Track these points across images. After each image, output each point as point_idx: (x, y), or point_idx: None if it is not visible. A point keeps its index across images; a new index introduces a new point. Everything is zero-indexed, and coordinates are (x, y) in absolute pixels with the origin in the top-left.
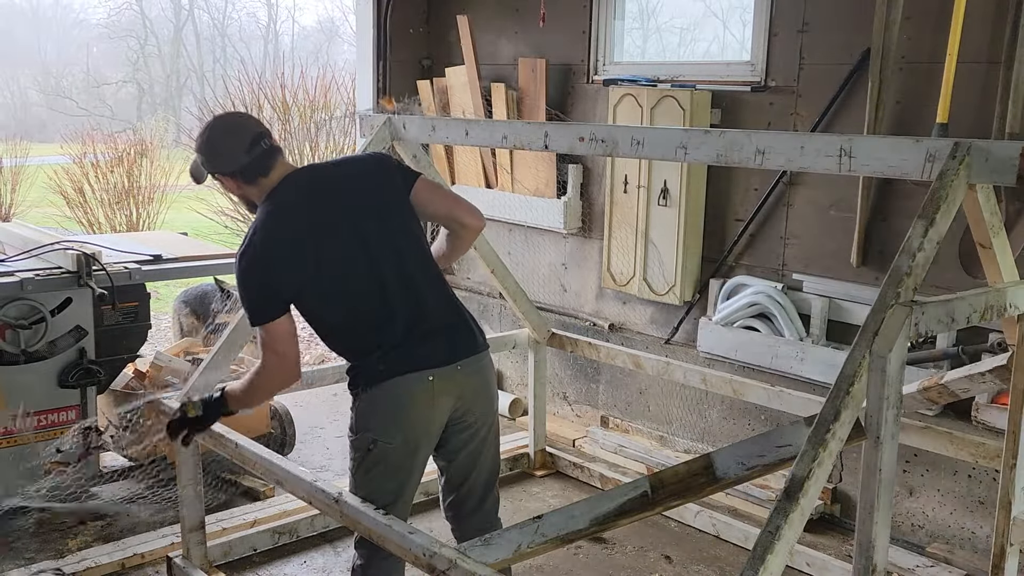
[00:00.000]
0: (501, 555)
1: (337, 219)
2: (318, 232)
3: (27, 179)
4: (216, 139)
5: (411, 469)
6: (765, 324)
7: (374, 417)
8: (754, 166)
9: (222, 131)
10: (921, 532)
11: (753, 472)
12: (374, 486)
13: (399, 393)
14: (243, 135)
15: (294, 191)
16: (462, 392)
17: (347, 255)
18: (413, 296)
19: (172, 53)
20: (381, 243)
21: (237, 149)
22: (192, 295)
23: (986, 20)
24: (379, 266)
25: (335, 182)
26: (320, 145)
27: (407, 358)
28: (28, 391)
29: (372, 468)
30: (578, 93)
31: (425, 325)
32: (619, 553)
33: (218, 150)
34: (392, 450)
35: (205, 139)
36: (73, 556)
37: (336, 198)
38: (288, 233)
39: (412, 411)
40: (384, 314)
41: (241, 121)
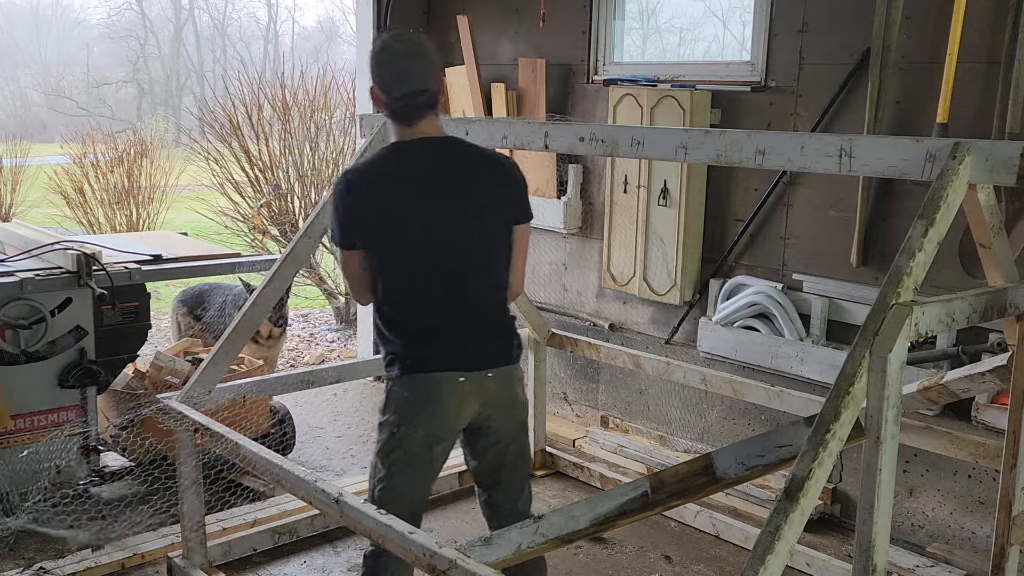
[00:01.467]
0: (501, 555)
1: (432, 204)
2: (410, 207)
3: (27, 179)
4: (390, 60)
5: (429, 461)
6: (765, 324)
7: (404, 404)
8: (754, 166)
9: (394, 56)
10: (921, 532)
11: (753, 472)
12: (393, 470)
13: (430, 387)
14: (405, 79)
15: (416, 160)
16: (488, 399)
17: (422, 239)
18: (465, 299)
19: (172, 53)
20: (458, 241)
21: (395, 86)
22: (190, 295)
23: (986, 20)
24: (445, 260)
25: (464, 175)
26: (320, 145)
27: (444, 355)
28: (28, 391)
29: (392, 452)
30: (578, 93)
31: (468, 328)
32: (619, 553)
33: (381, 74)
34: (414, 440)
35: (378, 53)
36: (73, 556)
37: (445, 186)
38: (386, 189)
39: (439, 407)
40: (433, 306)
41: (413, 64)
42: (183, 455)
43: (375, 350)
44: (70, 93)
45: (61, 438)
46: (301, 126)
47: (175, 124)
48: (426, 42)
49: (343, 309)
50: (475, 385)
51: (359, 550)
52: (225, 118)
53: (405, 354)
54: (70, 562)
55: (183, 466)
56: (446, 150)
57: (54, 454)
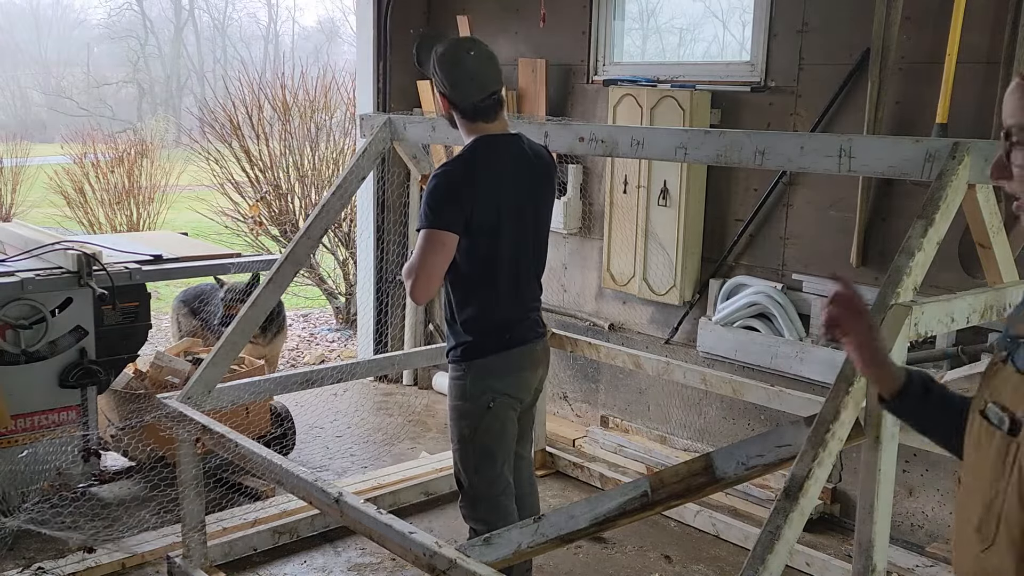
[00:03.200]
0: (501, 555)
1: (518, 198)
2: (504, 197)
3: (28, 179)
4: (472, 66)
5: (513, 431)
6: (765, 324)
7: (493, 378)
8: (754, 166)
9: (474, 62)
10: (921, 532)
11: (753, 472)
12: (495, 446)
13: (517, 357)
14: (486, 83)
15: (507, 154)
16: (545, 363)
17: (514, 226)
18: (527, 284)
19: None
20: (530, 233)
21: (479, 90)
22: (190, 295)
23: (986, 20)
24: (521, 251)
25: (533, 168)
26: (320, 145)
27: (524, 330)
28: (29, 391)
29: (489, 427)
30: (578, 93)
31: (531, 310)
32: (619, 553)
33: (459, 80)
34: (508, 405)
35: (450, 60)
36: (73, 556)
37: (526, 180)
38: (491, 179)
39: (524, 374)
40: (516, 287)
41: (490, 69)
42: (183, 456)
43: (376, 350)
44: (70, 93)
45: (62, 439)
46: (301, 126)
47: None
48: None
49: (343, 309)
50: (541, 353)
51: (359, 550)
52: (225, 118)
53: (492, 334)
54: (70, 562)
55: (183, 467)
56: (521, 145)
57: (54, 456)
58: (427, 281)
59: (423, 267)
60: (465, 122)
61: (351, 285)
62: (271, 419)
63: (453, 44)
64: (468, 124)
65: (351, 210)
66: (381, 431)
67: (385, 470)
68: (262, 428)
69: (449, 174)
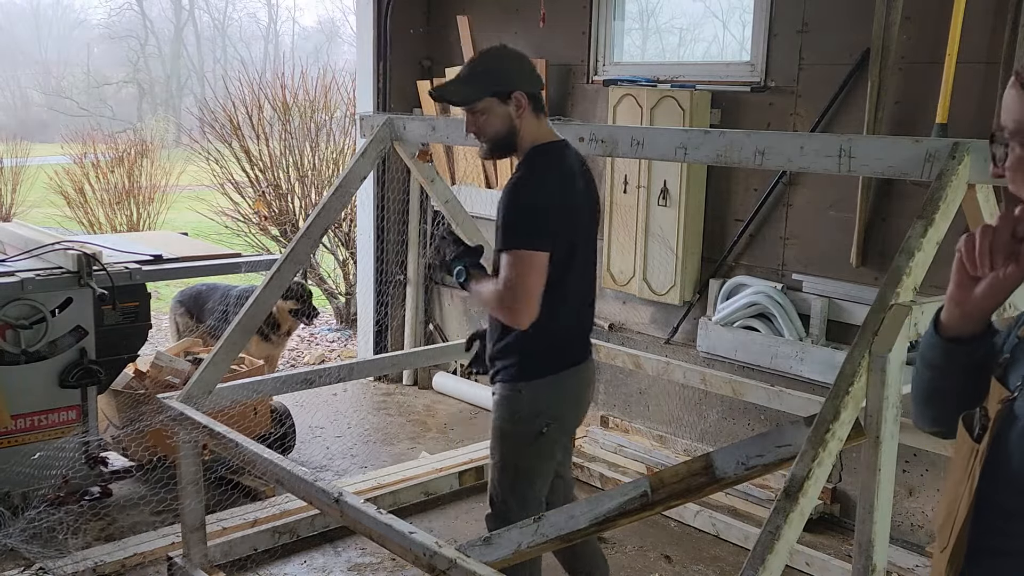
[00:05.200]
0: (501, 555)
1: (588, 213)
2: (580, 213)
3: (28, 179)
4: (519, 60)
5: (559, 454)
6: (765, 324)
7: (555, 401)
8: (754, 166)
9: (520, 56)
10: (921, 532)
11: (753, 472)
12: (537, 471)
13: (580, 378)
14: (534, 70)
15: (574, 170)
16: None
17: (583, 244)
18: (589, 300)
19: (172, 53)
20: (592, 249)
21: (536, 80)
22: (187, 295)
23: (986, 20)
24: (588, 268)
25: (589, 181)
26: (320, 145)
27: (583, 349)
28: (29, 391)
29: (538, 453)
30: (578, 93)
31: (589, 328)
32: (619, 553)
33: (525, 68)
34: (561, 431)
35: (508, 58)
36: (74, 556)
37: (589, 194)
38: (572, 187)
39: (584, 394)
40: (583, 304)
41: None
42: (183, 456)
43: (376, 350)
44: (70, 93)
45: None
46: (301, 126)
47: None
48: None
49: (343, 309)
50: (594, 370)
51: (359, 550)
52: (225, 118)
53: (552, 352)
54: (70, 562)
55: (183, 467)
56: (577, 154)
57: (62, 463)
58: (532, 304)
59: (526, 291)
60: (533, 119)
61: (351, 285)
62: (271, 419)
63: (496, 47)
64: (535, 122)
65: (351, 210)
66: (381, 431)
67: (385, 470)
68: (262, 428)
69: (544, 189)
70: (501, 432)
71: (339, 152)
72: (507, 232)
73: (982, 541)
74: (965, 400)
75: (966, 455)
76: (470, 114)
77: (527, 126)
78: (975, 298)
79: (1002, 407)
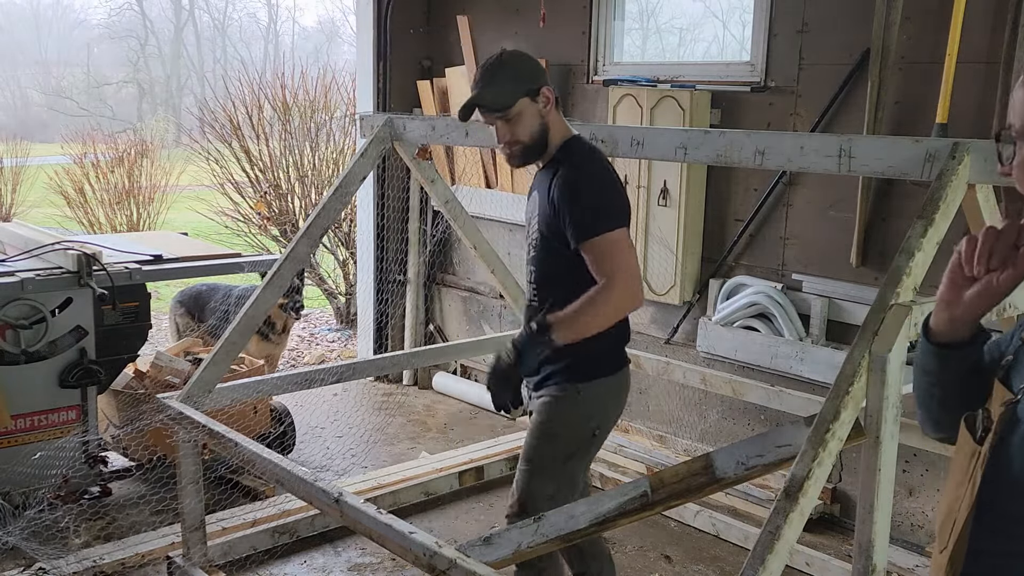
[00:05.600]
0: (501, 555)
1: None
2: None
3: (28, 179)
4: (531, 58)
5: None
6: (765, 324)
7: (611, 403)
8: (754, 166)
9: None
10: (921, 532)
11: (753, 472)
12: (573, 475)
13: (628, 379)
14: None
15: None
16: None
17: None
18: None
19: (172, 53)
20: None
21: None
22: (187, 295)
23: (986, 20)
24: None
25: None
26: (320, 145)
27: (626, 350)
28: (28, 391)
29: (585, 456)
30: (578, 93)
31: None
32: (619, 553)
33: (538, 65)
34: (605, 434)
35: (525, 58)
36: (74, 555)
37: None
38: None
39: (626, 397)
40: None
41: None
42: (183, 455)
43: (376, 350)
44: (70, 93)
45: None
46: (301, 126)
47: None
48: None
49: (343, 309)
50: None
51: (359, 550)
52: (225, 118)
53: (612, 352)
54: (70, 562)
55: (183, 467)
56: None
57: (62, 463)
58: (639, 282)
59: (631, 270)
60: (557, 115)
61: (351, 285)
62: (271, 419)
63: (504, 52)
64: (558, 117)
65: (351, 210)
66: (381, 431)
67: (385, 470)
68: (262, 428)
69: (608, 170)
70: (548, 434)
71: (339, 152)
72: (591, 219)
73: (983, 543)
74: (965, 405)
75: (967, 457)
76: (503, 122)
77: (554, 122)
78: (965, 300)
79: (1005, 409)
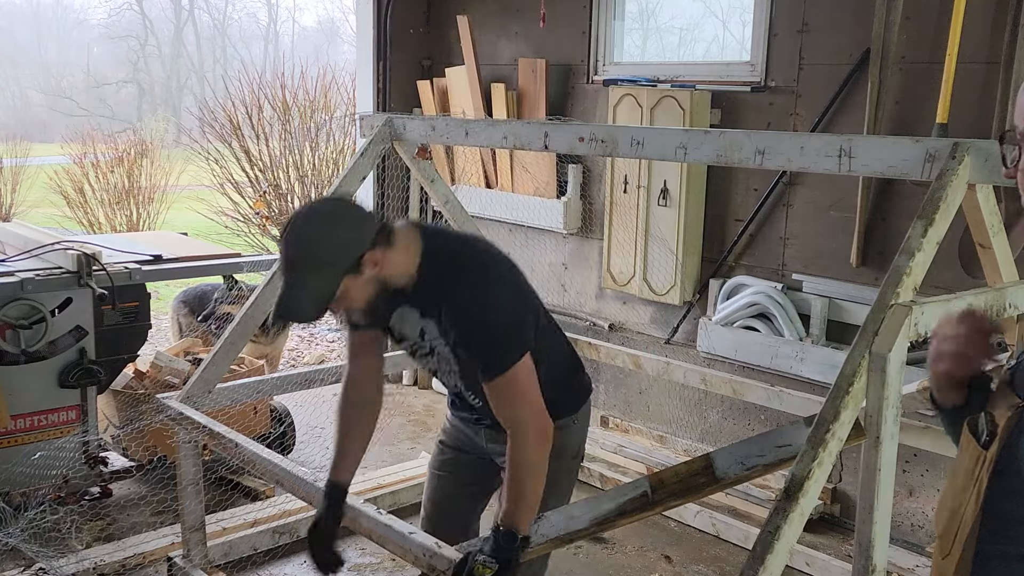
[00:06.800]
0: None
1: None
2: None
3: (27, 179)
4: (341, 215)
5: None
6: (765, 324)
7: (584, 432)
8: (754, 166)
9: (339, 211)
10: (921, 532)
11: (753, 472)
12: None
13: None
14: (354, 207)
15: (457, 237)
16: None
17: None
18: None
19: (172, 53)
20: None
21: (362, 216)
22: (191, 295)
23: (986, 20)
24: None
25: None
26: (320, 145)
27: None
28: (28, 391)
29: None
30: (578, 93)
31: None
32: (619, 553)
33: (351, 221)
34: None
35: (337, 222)
36: (74, 555)
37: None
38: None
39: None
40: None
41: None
42: (183, 456)
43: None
44: (70, 93)
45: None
46: (301, 126)
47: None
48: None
49: None
50: None
51: (359, 550)
52: (225, 118)
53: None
54: (70, 562)
55: (183, 467)
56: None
57: (62, 463)
58: (544, 415)
59: (533, 407)
60: (392, 252)
61: None
62: (271, 419)
63: (304, 215)
64: (396, 251)
65: None
66: (381, 431)
67: (385, 470)
68: (262, 428)
69: (487, 276)
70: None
71: (339, 152)
72: (489, 358)
73: (990, 547)
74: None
75: (971, 461)
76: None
77: (393, 264)
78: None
79: (1012, 414)
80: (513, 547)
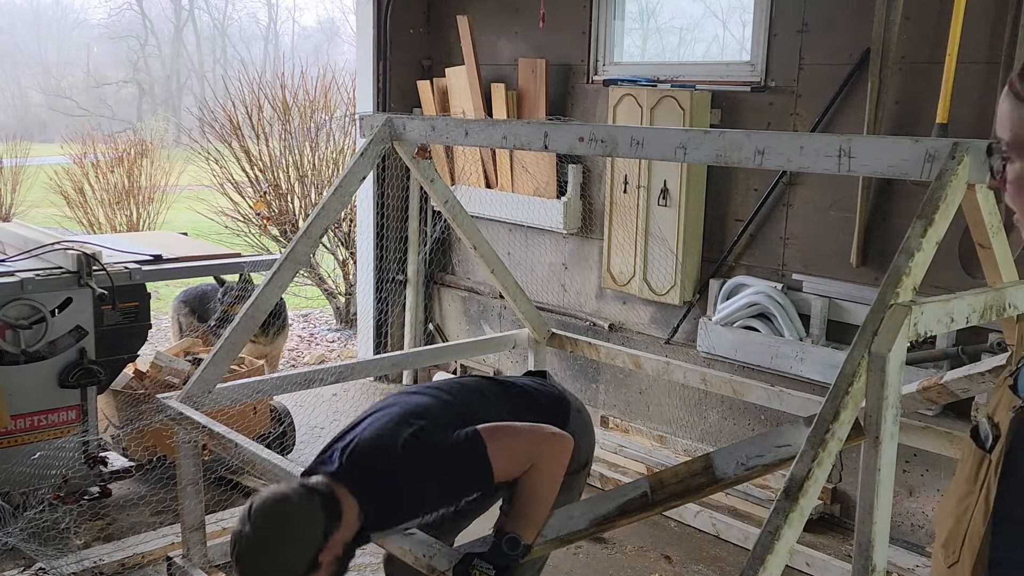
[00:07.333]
0: None
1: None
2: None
3: (27, 179)
4: (291, 527)
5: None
6: (765, 324)
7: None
8: (754, 166)
9: (281, 527)
10: (921, 532)
11: (753, 472)
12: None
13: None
14: (296, 512)
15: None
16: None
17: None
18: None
19: (172, 53)
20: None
21: (308, 517)
22: (191, 295)
23: (986, 20)
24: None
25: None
26: (320, 145)
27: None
28: (28, 391)
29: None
30: (578, 93)
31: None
32: (619, 553)
33: (298, 535)
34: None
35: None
36: (74, 556)
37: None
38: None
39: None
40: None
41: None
42: (183, 456)
43: (376, 350)
44: (70, 93)
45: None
46: (301, 126)
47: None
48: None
49: (343, 309)
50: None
51: (359, 550)
52: (225, 118)
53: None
54: (70, 562)
55: (183, 467)
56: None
57: (62, 463)
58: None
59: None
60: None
61: (351, 285)
62: (271, 419)
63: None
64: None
65: (351, 210)
66: None
67: None
68: (262, 428)
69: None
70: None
71: (339, 152)
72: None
73: (1000, 553)
74: None
75: (976, 465)
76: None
77: (347, 528)
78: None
79: (1015, 416)
80: (515, 555)
